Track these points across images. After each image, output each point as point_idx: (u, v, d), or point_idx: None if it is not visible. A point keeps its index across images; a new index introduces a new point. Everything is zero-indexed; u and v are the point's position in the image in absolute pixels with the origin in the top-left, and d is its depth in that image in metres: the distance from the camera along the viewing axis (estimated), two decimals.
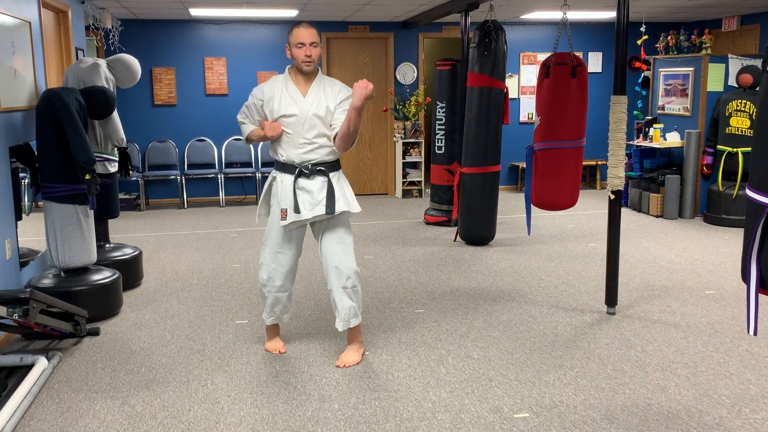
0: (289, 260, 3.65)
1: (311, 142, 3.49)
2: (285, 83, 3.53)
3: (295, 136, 3.49)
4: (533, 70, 9.61)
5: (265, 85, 3.56)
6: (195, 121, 8.95)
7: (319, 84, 3.52)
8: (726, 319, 4.27)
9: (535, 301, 4.68)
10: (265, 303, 3.73)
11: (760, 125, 2.17)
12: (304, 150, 3.49)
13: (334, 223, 3.58)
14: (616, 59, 4.14)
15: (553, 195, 4.64)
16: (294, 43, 3.43)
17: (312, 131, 3.48)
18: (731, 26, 8.81)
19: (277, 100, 3.49)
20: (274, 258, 3.63)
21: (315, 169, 3.51)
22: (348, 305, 3.55)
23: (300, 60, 3.44)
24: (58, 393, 3.31)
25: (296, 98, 3.49)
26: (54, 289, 4.10)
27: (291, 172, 3.53)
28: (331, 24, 9.09)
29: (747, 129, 6.99)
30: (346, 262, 3.54)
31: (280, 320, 3.81)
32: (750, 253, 2.19)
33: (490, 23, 5.91)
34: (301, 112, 3.46)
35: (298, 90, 3.50)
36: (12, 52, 4.25)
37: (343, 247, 3.56)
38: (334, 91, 3.52)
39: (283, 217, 3.53)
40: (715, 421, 2.96)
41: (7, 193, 4.11)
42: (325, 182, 3.52)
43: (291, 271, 3.68)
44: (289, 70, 3.57)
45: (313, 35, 3.43)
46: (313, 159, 3.51)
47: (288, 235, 3.62)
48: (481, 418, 3.00)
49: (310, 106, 3.47)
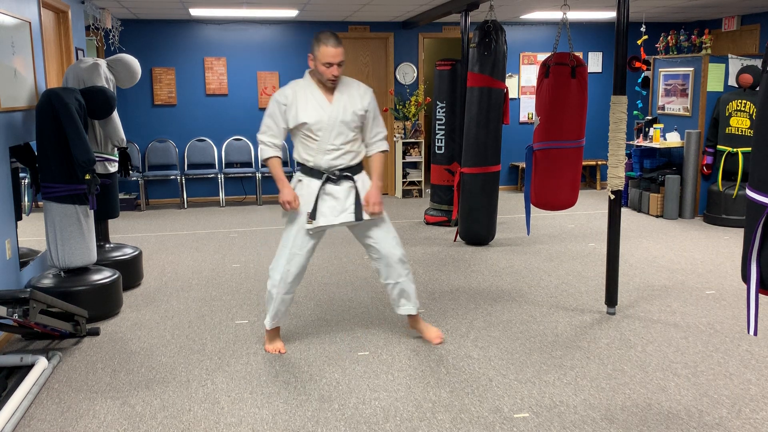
0: (303, 263, 3.66)
1: (338, 148, 3.53)
2: (309, 88, 3.53)
3: (322, 142, 3.50)
4: (533, 70, 9.61)
5: (287, 88, 3.55)
6: (195, 121, 8.95)
7: (343, 88, 3.55)
8: (726, 319, 4.27)
9: (535, 301, 4.68)
10: (270, 305, 3.72)
11: (760, 125, 2.17)
12: (332, 156, 3.53)
13: (379, 220, 3.67)
14: (616, 59, 4.14)
15: (552, 195, 4.64)
16: (322, 61, 3.42)
17: (339, 138, 3.51)
18: (731, 26, 8.81)
19: (302, 106, 3.49)
20: (290, 260, 3.63)
21: (342, 175, 3.55)
22: (414, 288, 3.82)
23: (326, 78, 3.47)
24: (58, 393, 3.31)
25: (323, 104, 3.50)
26: (54, 289, 4.10)
27: (318, 177, 3.56)
28: (331, 24, 9.08)
29: (747, 129, 6.99)
30: (402, 252, 3.74)
31: (281, 323, 3.83)
32: (750, 253, 2.19)
33: (490, 23, 5.91)
34: (329, 119, 3.48)
35: (324, 96, 3.51)
36: (12, 52, 4.25)
37: (394, 237, 3.73)
38: (359, 93, 3.58)
39: (309, 222, 3.56)
40: (715, 421, 2.96)
41: (7, 193, 4.11)
42: (351, 187, 3.58)
43: (301, 274, 3.70)
44: (310, 74, 3.57)
45: (340, 54, 3.44)
46: (341, 165, 3.56)
47: (309, 239, 3.63)
48: (481, 418, 3.00)
49: (337, 113, 3.49)
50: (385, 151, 3.69)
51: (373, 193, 3.60)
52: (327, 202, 3.54)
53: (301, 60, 9.07)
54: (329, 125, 3.47)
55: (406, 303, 3.81)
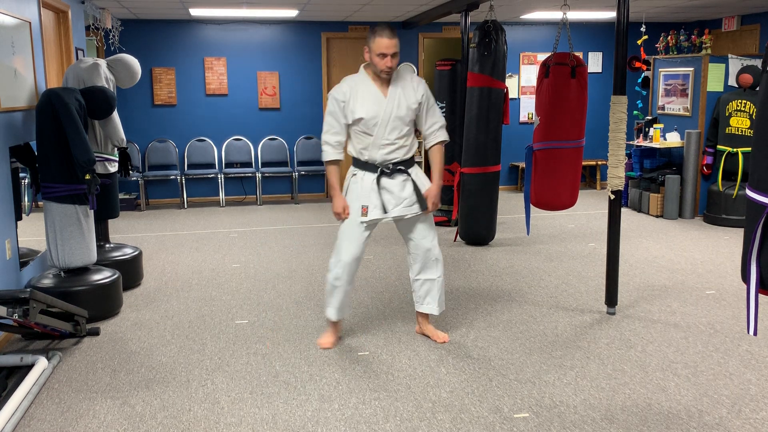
0: (358, 254, 3.73)
1: (393, 142, 3.59)
2: (364, 83, 3.59)
3: (377, 137, 3.57)
4: (533, 70, 9.61)
5: (343, 84, 3.61)
6: (195, 121, 8.95)
7: (397, 82, 3.60)
8: (726, 319, 4.27)
9: (535, 301, 4.68)
10: (333, 299, 3.79)
11: (760, 125, 2.17)
12: (386, 151, 3.59)
13: (424, 217, 3.74)
14: (616, 59, 4.14)
15: (552, 195, 4.64)
16: (376, 52, 3.48)
17: (394, 132, 3.57)
18: (731, 26, 8.81)
19: (359, 101, 3.54)
20: (347, 251, 3.70)
21: (395, 168, 3.62)
22: (443, 291, 3.90)
23: (380, 69, 3.52)
24: (58, 393, 3.31)
25: (378, 99, 3.55)
26: (54, 289, 4.10)
27: (372, 170, 3.63)
28: (331, 24, 9.09)
29: (747, 129, 6.99)
30: (439, 251, 3.81)
31: (344, 314, 3.88)
32: (750, 253, 2.19)
33: (490, 23, 5.91)
34: (384, 114, 3.54)
35: (379, 90, 3.57)
36: (12, 52, 4.25)
37: (435, 236, 3.80)
38: (412, 86, 3.63)
39: (363, 213, 3.62)
40: (715, 421, 2.96)
41: (7, 193, 4.11)
42: (404, 180, 3.64)
43: (357, 264, 3.78)
44: (365, 69, 3.63)
45: (395, 45, 3.49)
46: (395, 159, 3.62)
47: (363, 230, 3.70)
48: (481, 418, 3.00)
49: (392, 108, 3.55)
50: (444, 141, 3.72)
51: (433, 193, 3.67)
52: (381, 196, 3.62)
53: (301, 60, 9.08)
54: (384, 120, 3.54)
55: (431, 302, 3.87)
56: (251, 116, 9.07)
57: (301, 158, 9.21)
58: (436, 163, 3.73)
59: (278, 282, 5.20)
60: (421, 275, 3.82)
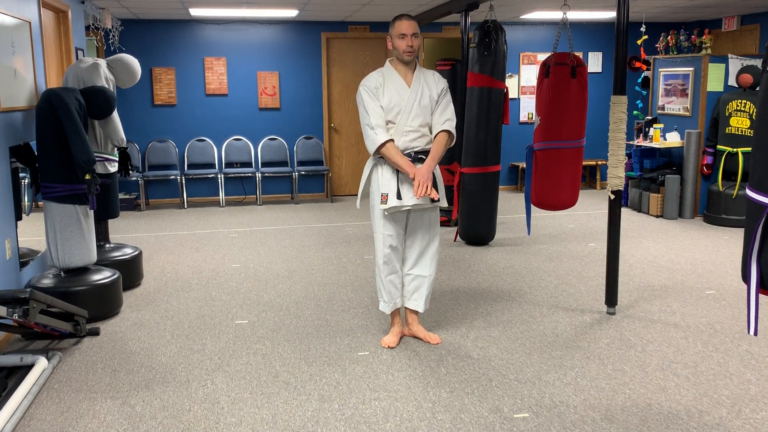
0: (395, 244, 3.75)
1: (416, 130, 3.66)
2: (390, 74, 3.69)
3: (400, 125, 3.63)
4: (533, 70, 9.61)
5: (371, 76, 3.71)
6: (195, 121, 8.95)
7: (420, 74, 3.70)
8: (726, 319, 4.27)
9: (535, 301, 4.68)
10: (383, 290, 3.80)
11: (760, 125, 2.17)
12: (409, 138, 3.65)
13: (430, 213, 3.78)
14: (616, 59, 4.14)
15: (553, 195, 4.64)
16: (396, 34, 3.61)
17: (417, 119, 3.65)
18: (731, 26, 8.81)
19: (386, 90, 3.64)
20: (383, 243, 3.73)
21: (417, 157, 3.65)
22: (431, 291, 3.93)
23: (401, 50, 3.62)
24: (58, 393, 3.31)
25: (401, 88, 3.65)
26: (54, 289, 4.10)
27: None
28: (331, 24, 9.09)
29: (747, 129, 6.99)
30: (436, 248, 3.84)
31: (397, 305, 3.88)
32: (750, 253, 2.19)
33: (490, 23, 5.91)
34: (408, 102, 3.62)
35: (403, 80, 3.67)
36: (12, 52, 4.25)
37: (438, 233, 3.83)
38: (434, 80, 3.74)
39: (383, 201, 3.65)
40: (715, 421, 2.96)
41: (7, 193, 4.11)
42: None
43: (398, 254, 3.80)
44: (390, 62, 3.74)
45: (414, 26, 3.62)
46: (417, 147, 3.67)
47: (391, 219, 3.72)
48: (481, 418, 3.00)
49: (415, 96, 3.64)
50: (449, 133, 3.72)
51: (420, 172, 3.55)
52: (402, 185, 3.64)
53: (301, 60, 9.08)
54: (408, 107, 3.62)
55: (418, 299, 3.88)
56: (251, 116, 9.07)
57: (301, 158, 9.21)
58: (434, 145, 3.68)
59: (278, 282, 5.20)
60: (413, 270, 3.84)
